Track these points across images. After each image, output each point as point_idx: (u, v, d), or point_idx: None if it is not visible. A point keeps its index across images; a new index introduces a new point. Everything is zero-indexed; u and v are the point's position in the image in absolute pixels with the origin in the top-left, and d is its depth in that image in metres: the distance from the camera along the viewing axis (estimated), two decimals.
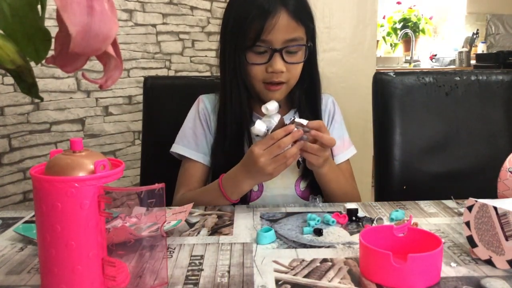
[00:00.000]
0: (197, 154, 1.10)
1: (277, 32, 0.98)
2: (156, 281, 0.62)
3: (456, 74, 1.33)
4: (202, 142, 1.11)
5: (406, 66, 4.27)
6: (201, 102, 1.15)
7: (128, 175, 1.89)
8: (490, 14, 4.45)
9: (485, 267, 0.68)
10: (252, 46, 0.99)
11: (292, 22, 0.99)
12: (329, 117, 1.16)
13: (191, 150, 1.10)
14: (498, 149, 1.27)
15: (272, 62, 1.00)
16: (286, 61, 1.00)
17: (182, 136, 1.13)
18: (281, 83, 1.03)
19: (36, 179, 0.56)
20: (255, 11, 0.98)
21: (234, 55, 1.02)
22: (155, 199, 0.57)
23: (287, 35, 0.99)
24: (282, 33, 0.98)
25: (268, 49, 1.00)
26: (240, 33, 1.00)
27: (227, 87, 1.05)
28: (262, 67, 1.01)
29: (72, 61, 0.53)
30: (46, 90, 1.61)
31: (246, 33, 0.99)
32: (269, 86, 1.03)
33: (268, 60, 1.00)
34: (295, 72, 1.04)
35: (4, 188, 1.54)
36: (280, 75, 1.01)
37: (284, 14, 0.98)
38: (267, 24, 0.97)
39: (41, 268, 0.58)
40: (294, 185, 1.10)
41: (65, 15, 0.46)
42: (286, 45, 1.00)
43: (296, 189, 1.10)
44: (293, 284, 0.64)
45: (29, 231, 0.82)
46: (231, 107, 1.05)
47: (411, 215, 0.82)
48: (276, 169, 0.91)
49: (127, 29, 1.84)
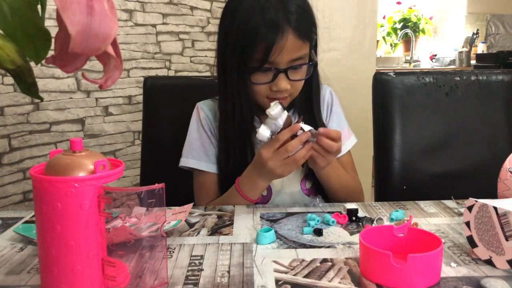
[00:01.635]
0: (209, 165, 1.08)
1: (284, 53, 0.95)
2: (156, 281, 0.62)
3: (456, 74, 1.33)
4: (212, 152, 1.09)
5: (406, 66, 4.27)
6: (201, 111, 1.12)
7: (128, 175, 1.89)
8: (490, 14, 4.45)
9: (485, 267, 0.68)
10: (259, 68, 0.96)
11: (298, 41, 0.95)
12: (327, 109, 1.15)
13: (202, 161, 1.09)
14: (498, 149, 1.27)
15: (277, 82, 0.97)
16: (290, 79, 0.98)
17: (189, 148, 1.11)
18: (285, 97, 1.01)
19: (36, 179, 0.56)
20: (263, 29, 0.93)
21: (238, 71, 0.99)
22: (155, 199, 0.57)
23: (293, 55, 0.96)
24: (289, 54, 0.95)
25: (274, 69, 0.97)
26: (245, 52, 0.95)
27: (229, 99, 1.03)
28: (266, 85, 0.99)
29: (72, 61, 0.53)
30: (46, 90, 1.61)
31: (253, 53, 0.95)
32: (273, 100, 0.99)
33: (272, 79, 0.97)
34: (298, 86, 1.02)
35: (4, 188, 1.54)
36: (284, 93, 0.99)
37: (291, 34, 0.94)
38: (275, 46, 0.93)
39: (41, 268, 0.58)
40: (300, 185, 1.10)
41: (64, 15, 0.46)
42: (291, 64, 0.97)
43: (302, 188, 1.10)
44: (293, 284, 0.64)
45: (29, 231, 0.82)
46: (233, 119, 1.03)
47: (411, 215, 0.82)
48: (286, 170, 0.92)
49: (127, 29, 1.84)
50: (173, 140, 1.29)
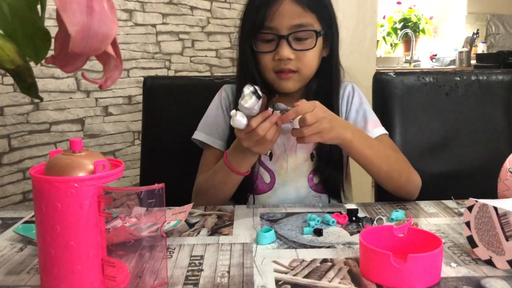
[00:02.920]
0: (217, 142, 1.10)
1: (281, 18, 0.98)
2: (156, 281, 0.62)
3: (456, 74, 1.33)
4: (224, 130, 1.11)
5: (406, 66, 4.27)
6: (224, 92, 1.15)
7: (128, 175, 1.89)
8: (490, 14, 4.45)
9: (485, 267, 0.68)
10: (258, 33, 1.00)
11: (297, 7, 0.98)
12: (347, 105, 1.12)
13: (211, 137, 1.10)
14: (498, 149, 1.27)
15: (278, 49, 0.99)
16: (294, 48, 0.99)
17: (204, 123, 1.13)
18: (292, 72, 1.01)
19: (35, 179, 0.56)
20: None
21: (245, 45, 1.03)
22: (155, 199, 0.57)
23: (292, 20, 0.98)
24: (287, 18, 0.98)
25: (275, 36, 0.99)
26: (247, 21, 1.02)
27: (243, 78, 1.04)
28: (270, 55, 1.01)
29: (71, 61, 0.53)
30: (45, 90, 1.61)
31: (253, 21, 1.00)
32: (280, 74, 1.02)
33: (275, 47, 1.00)
34: (306, 61, 1.01)
35: (4, 188, 1.54)
36: (288, 62, 1.00)
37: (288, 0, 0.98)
38: (269, 10, 0.97)
39: (40, 268, 0.58)
40: (307, 178, 1.09)
41: (64, 15, 0.46)
42: (292, 31, 0.99)
43: (309, 182, 1.09)
44: (293, 284, 0.64)
45: (29, 231, 0.82)
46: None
47: (411, 215, 0.82)
48: (262, 148, 0.90)
49: (127, 29, 1.84)
50: (173, 140, 1.29)
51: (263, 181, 1.08)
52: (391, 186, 1.03)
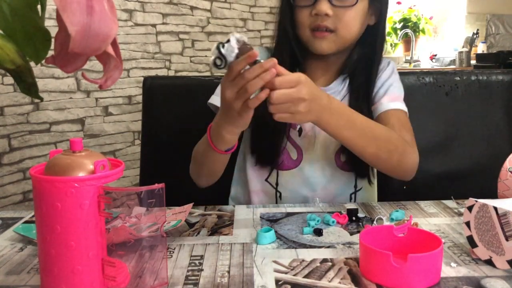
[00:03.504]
0: None
1: None
2: (156, 281, 0.62)
3: (456, 74, 1.33)
4: None
5: (406, 66, 4.26)
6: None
7: (128, 175, 1.89)
8: (490, 14, 4.45)
9: (485, 267, 0.68)
10: None
11: None
12: (380, 81, 1.08)
13: None
14: (498, 149, 1.27)
15: (316, 4, 0.95)
16: (333, 4, 0.95)
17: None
18: (329, 31, 0.97)
19: (36, 179, 0.56)
20: None
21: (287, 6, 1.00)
22: (155, 199, 0.57)
23: None
24: None
25: None
26: None
27: (279, 39, 1.02)
28: (307, 10, 0.97)
29: (72, 61, 0.53)
30: (46, 90, 1.61)
31: None
32: (315, 33, 0.97)
33: (313, 1, 0.96)
34: (346, 20, 0.96)
35: (4, 188, 1.54)
36: (325, 19, 0.95)
37: None
38: None
39: (41, 268, 0.58)
40: (334, 157, 1.06)
41: (64, 15, 0.46)
42: None
43: (336, 161, 1.06)
44: (293, 284, 0.64)
45: (29, 231, 0.82)
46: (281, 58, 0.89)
47: (411, 215, 0.82)
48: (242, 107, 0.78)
49: (127, 29, 1.84)
50: (173, 140, 1.29)
51: (290, 157, 1.04)
52: (381, 167, 0.99)
